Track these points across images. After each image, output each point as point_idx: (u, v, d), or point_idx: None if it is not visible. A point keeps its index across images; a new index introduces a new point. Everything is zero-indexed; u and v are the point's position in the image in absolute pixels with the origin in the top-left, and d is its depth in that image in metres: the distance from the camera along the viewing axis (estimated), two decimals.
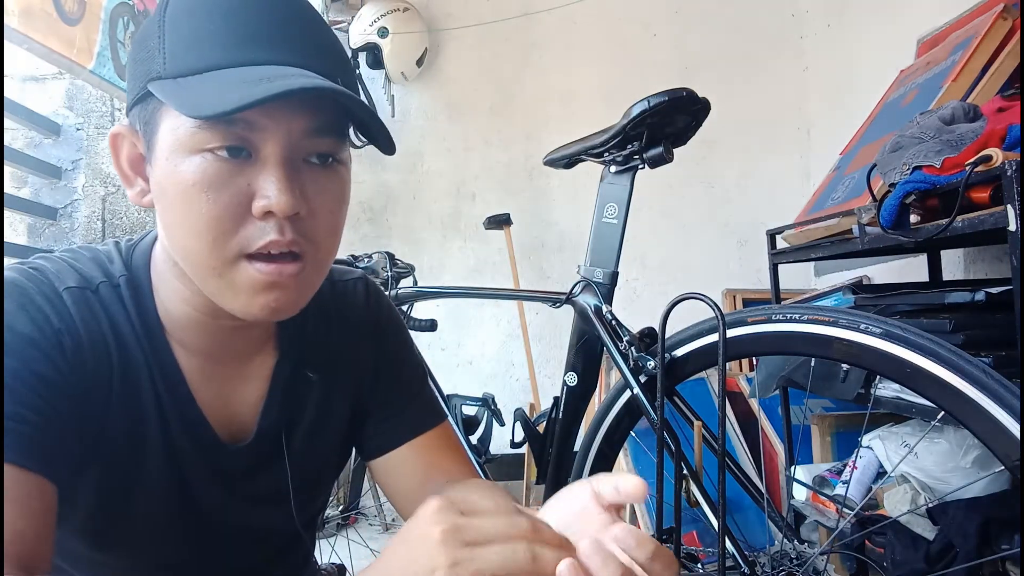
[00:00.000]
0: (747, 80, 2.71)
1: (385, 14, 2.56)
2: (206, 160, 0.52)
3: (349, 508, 2.23)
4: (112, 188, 2.25)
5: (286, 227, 0.53)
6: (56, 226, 2.21)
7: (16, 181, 2.21)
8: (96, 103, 2.27)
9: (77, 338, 0.55)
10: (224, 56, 0.52)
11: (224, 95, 0.49)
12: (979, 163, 1.06)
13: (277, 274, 0.54)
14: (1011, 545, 1.16)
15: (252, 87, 0.49)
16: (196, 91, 0.50)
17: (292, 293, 0.56)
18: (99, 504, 0.59)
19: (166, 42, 0.53)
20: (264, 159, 0.53)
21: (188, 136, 0.52)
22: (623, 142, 1.09)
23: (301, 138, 0.54)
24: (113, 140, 0.58)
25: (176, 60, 0.52)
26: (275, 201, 0.52)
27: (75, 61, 1.56)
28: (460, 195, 2.78)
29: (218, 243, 0.53)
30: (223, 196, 0.52)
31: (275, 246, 0.53)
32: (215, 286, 0.55)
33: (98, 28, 1.63)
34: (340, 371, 0.72)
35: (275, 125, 0.53)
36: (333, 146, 0.57)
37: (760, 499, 1.05)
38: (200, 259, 0.54)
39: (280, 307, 0.56)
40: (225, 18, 0.53)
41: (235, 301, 0.56)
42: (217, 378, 0.64)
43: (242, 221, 0.53)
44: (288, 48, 0.53)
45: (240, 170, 0.53)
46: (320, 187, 0.56)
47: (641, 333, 1.11)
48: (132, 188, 0.59)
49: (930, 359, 0.80)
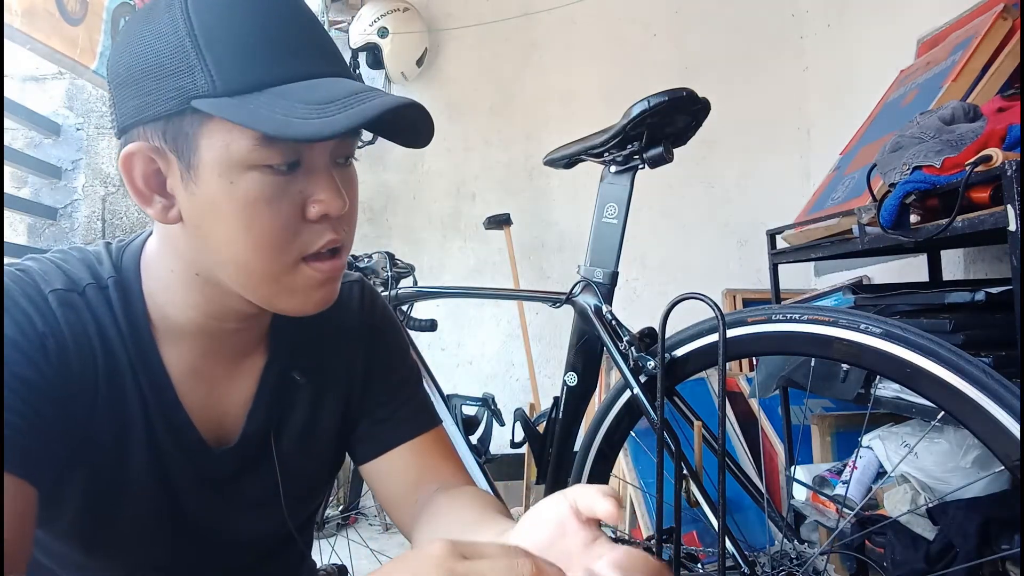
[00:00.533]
0: (747, 80, 2.71)
1: (385, 14, 2.56)
2: (264, 175, 0.53)
3: (349, 508, 2.23)
4: (112, 188, 2.25)
5: (338, 225, 0.58)
6: (56, 226, 2.21)
7: (16, 181, 2.22)
8: (96, 103, 2.27)
9: (62, 341, 0.55)
10: (273, 71, 0.53)
11: (310, 117, 0.51)
12: (979, 163, 1.06)
13: (332, 270, 0.59)
14: (1011, 545, 1.16)
15: (337, 109, 0.51)
16: (268, 110, 0.51)
17: (338, 282, 0.61)
18: (84, 507, 0.59)
19: (207, 57, 0.51)
20: (312, 166, 0.56)
21: (246, 153, 0.52)
22: (623, 142, 1.09)
23: (337, 145, 0.58)
24: (126, 161, 0.55)
25: (227, 77, 0.51)
26: (333, 205, 0.56)
27: (78, 61, 1.56)
28: (460, 195, 2.78)
29: (280, 251, 0.56)
30: (284, 208, 0.55)
31: (333, 243, 0.58)
32: (268, 291, 0.58)
33: (100, 28, 1.63)
34: (331, 374, 0.72)
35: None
36: (353, 147, 0.61)
37: (760, 499, 1.05)
38: (260, 268, 0.56)
39: (332, 298, 0.61)
40: (262, 29, 0.54)
41: (291, 301, 0.59)
42: (206, 380, 0.64)
43: (300, 227, 0.56)
44: (320, 58, 0.56)
45: (293, 179, 0.55)
46: (349, 184, 0.60)
47: (641, 333, 1.11)
48: (151, 206, 0.57)
49: (930, 359, 0.80)
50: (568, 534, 0.46)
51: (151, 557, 0.64)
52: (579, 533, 0.45)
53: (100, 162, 2.25)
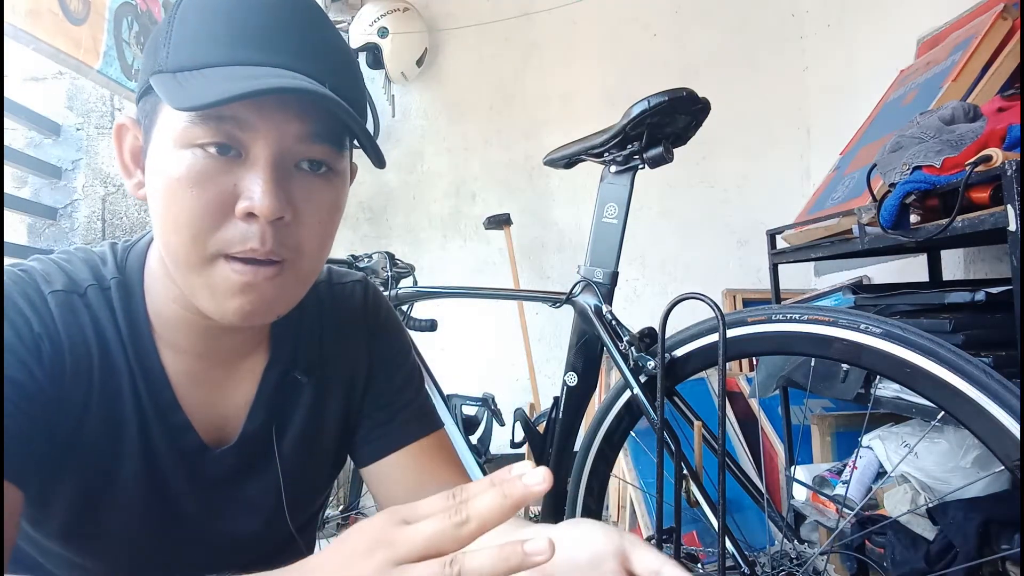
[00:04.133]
0: (747, 80, 2.71)
1: (385, 14, 2.56)
2: (195, 156, 0.52)
3: (349, 508, 2.22)
4: (112, 188, 2.24)
5: (268, 233, 0.52)
6: (56, 226, 2.21)
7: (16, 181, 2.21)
8: (96, 103, 2.27)
9: (57, 343, 0.55)
10: (221, 54, 0.52)
11: (212, 87, 0.49)
12: (979, 163, 1.06)
13: (252, 275, 0.53)
14: (1011, 545, 1.16)
15: (238, 83, 0.49)
16: (186, 86, 0.50)
17: (267, 298, 0.55)
18: (77, 509, 0.59)
19: (172, 37, 0.53)
20: (253, 160, 0.53)
21: (181, 131, 0.52)
22: (623, 142, 1.09)
23: (294, 143, 0.54)
24: (118, 131, 0.59)
25: (178, 55, 0.52)
26: (258, 203, 0.51)
27: (82, 61, 1.56)
28: (460, 195, 2.78)
29: (198, 240, 0.52)
30: (207, 193, 0.52)
31: (253, 253, 0.53)
32: (193, 284, 0.55)
33: (103, 28, 1.63)
34: (333, 374, 0.71)
35: (266, 126, 0.52)
36: (327, 154, 0.56)
37: (760, 499, 1.05)
38: (180, 254, 0.54)
39: (253, 311, 0.55)
40: (228, 17, 0.53)
41: (211, 302, 0.55)
42: (206, 380, 0.64)
43: (224, 220, 0.52)
44: (285, 51, 0.53)
45: (228, 169, 0.52)
46: (309, 194, 0.55)
47: (641, 333, 1.11)
48: (131, 179, 0.59)
49: (930, 359, 0.80)
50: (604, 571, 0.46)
51: (146, 559, 0.64)
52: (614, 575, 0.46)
53: (100, 162, 2.25)
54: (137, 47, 1.75)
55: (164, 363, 0.62)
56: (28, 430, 0.52)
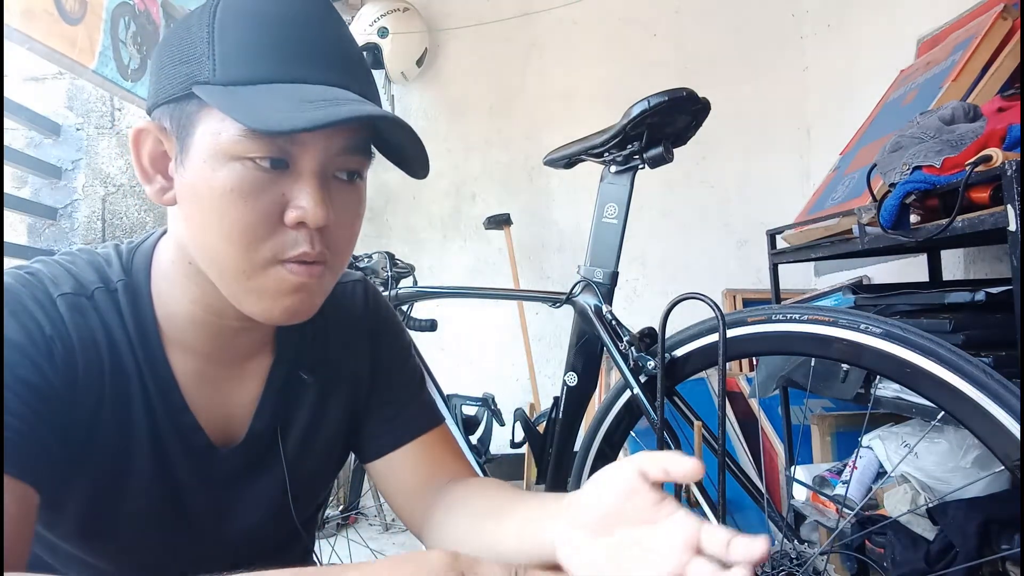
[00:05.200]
0: (747, 80, 2.71)
1: (385, 14, 2.57)
2: (246, 168, 0.53)
3: (349, 508, 2.23)
4: (112, 188, 2.24)
5: (315, 238, 0.56)
6: (56, 226, 2.21)
7: (16, 181, 2.21)
8: (96, 103, 2.27)
9: (69, 345, 0.56)
10: (276, 71, 0.54)
11: (287, 113, 0.50)
12: (979, 163, 1.06)
13: (307, 275, 0.56)
14: (1011, 545, 1.16)
15: (310, 110, 0.51)
16: (252, 102, 0.51)
17: (314, 296, 0.58)
18: (88, 510, 0.59)
19: (216, 49, 0.53)
20: (300, 171, 0.55)
21: (231, 143, 0.53)
22: (623, 142, 1.09)
23: (336, 155, 0.56)
24: (137, 136, 0.58)
25: (228, 68, 0.53)
26: (310, 213, 0.54)
27: (77, 61, 1.56)
28: (460, 195, 2.78)
29: (251, 248, 0.54)
30: (260, 204, 0.54)
31: (306, 257, 0.56)
32: (240, 288, 0.57)
33: (100, 28, 1.63)
34: (336, 373, 0.73)
35: (315, 141, 0.54)
36: (361, 164, 0.59)
37: (760, 499, 1.05)
38: (230, 262, 0.55)
39: (301, 309, 0.58)
40: (277, 33, 0.54)
41: (258, 304, 0.57)
42: (213, 380, 0.65)
43: (275, 229, 0.55)
44: (332, 69, 0.56)
45: (277, 179, 0.54)
46: (344, 201, 0.58)
47: (641, 333, 1.11)
48: (151, 185, 0.59)
49: (930, 359, 0.80)
50: (635, 497, 0.47)
51: (156, 557, 0.64)
52: (647, 495, 0.46)
53: (100, 162, 2.25)
54: (134, 47, 1.75)
55: (172, 364, 0.62)
56: (43, 432, 0.52)
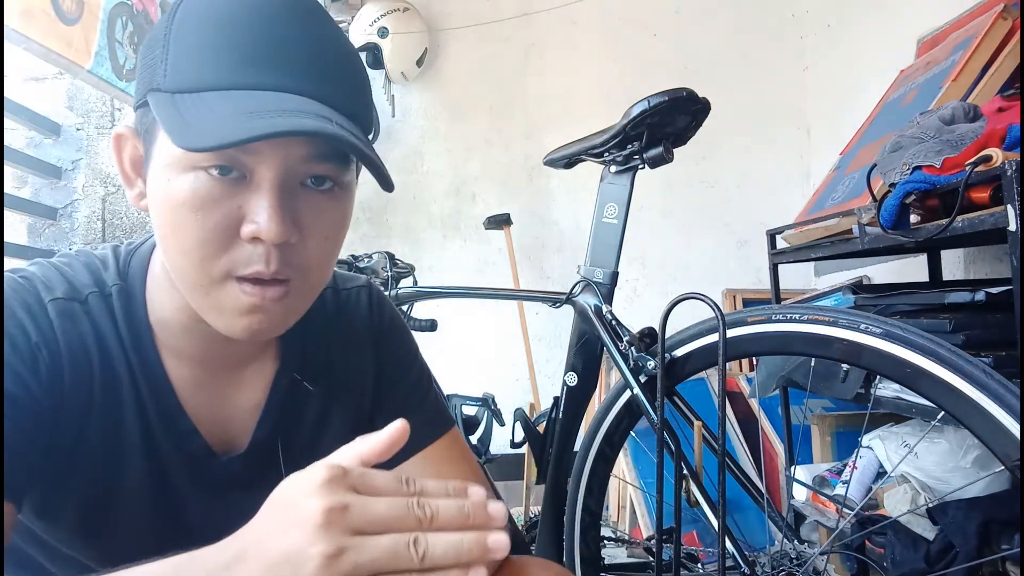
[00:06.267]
0: (747, 80, 2.71)
1: (385, 14, 2.56)
2: (198, 179, 0.50)
3: None
4: (112, 188, 2.24)
5: (273, 255, 0.52)
6: (56, 226, 2.21)
7: (16, 181, 2.21)
8: (96, 103, 2.27)
9: (55, 352, 0.55)
10: (224, 76, 0.50)
11: (217, 126, 0.47)
12: (979, 163, 1.06)
13: (260, 297, 0.53)
14: (1011, 545, 1.16)
15: (248, 121, 0.47)
16: (189, 114, 0.48)
17: (275, 317, 0.55)
18: (81, 518, 0.59)
19: (170, 52, 0.51)
20: (258, 183, 0.51)
21: (181, 153, 0.50)
22: (623, 142, 1.09)
23: (298, 163, 0.52)
24: (116, 141, 0.58)
25: (177, 74, 0.51)
26: (264, 228, 0.50)
27: (73, 61, 1.55)
28: (460, 195, 2.78)
29: (205, 263, 0.52)
30: (212, 217, 0.51)
31: (260, 275, 0.52)
32: (201, 303, 0.55)
33: (96, 28, 1.63)
34: (340, 381, 0.71)
35: (271, 150, 0.51)
36: (333, 171, 0.55)
37: (760, 499, 1.05)
38: (188, 275, 0.54)
39: (261, 329, 0.55)
40: (231, 33, 0.51)
41: (219, 319, 0.55)
42: (210, 385, 0.63)
43: (230, 243, 0.52)
44: (291, 70, 0.51)
45: (232, 191, 0.51)
46: (316, 212, 0.54)
47: (641, 333, 1.11)
48: (132, 189, 0.58)
49: (930, 359, 0.80)
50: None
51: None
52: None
53: (100, 162, 2.25)
54: (130, 47, 1.75)
55: (167, 370, 0.61)
56: (23, 444, 0.51)
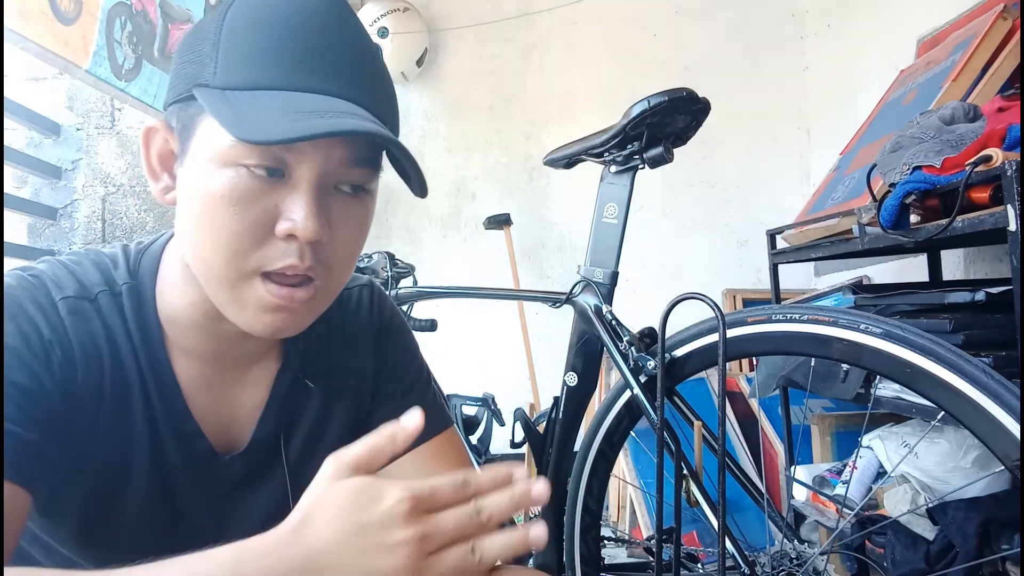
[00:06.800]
0: (747, 80, 2.71)
1: (385, 14, 2.56)
2: (239, 175, 0.52)
3: None
4: (112, 188, 2.24)
5: (306, 252, 0.54)
6: (56, 226, 2.21)
7: (16, 181, 2.21)
8: (96, 103, 2.27)
9: (68, 350, 0.55)
10: (275, 77, 0.52)
11: (273, 123, 0.49)
12: (979, 163, 1.06)
13: (288, 299, 0.55)
14: (1011, 545, 1.16)
15: (301, 120, 0.49)
16: (243, 110, 0.50)
17: (299, 317, 0.57)
18: (85, 515, 0.59)
19: (220, 50, 0.53)
20: (296, 182, 0.53)
21: (226, 148, 0.52)
22: (623, 142, 1.09)
23: (336, 166, 0.54)
24: (146, 134, 0.58)
25: (228, 72, 0.52)
26: (301, 226, 0.52)
27: (70, 61, 1.55)
28: (460, 195, 2.78)
29: (237, 257, 0.53)
30: (250, 213, 0.52)
31: (292, 270, 0.54)
32: (224, 297, 0.56)
33: (95, 28, 1.63)
34: (341, 380, 0.72)
35: (313, 151, 0.53)
36: (365, 177, 0.57)
37: (760, 499, 1.05)
38: (216, 270, 0.54)
39: (284, 328, 0.57)
40: (283, 39, 0.53)
41: (240, 315, 0.56)
42: (216, 384, 0.64)
43: (264, 240, 0.53)
44: (338, 78, 0.54)
45: (271, 189, 0.53)
46: (345, 215, 0.57)
47: (641, 333, 1.11)
48: (157, 183, 0.59)
49: (930, 359, 0.80)
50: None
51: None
52: None
53: (100, 162, 2.25)
54: (129, 47, 1.75)
55: (175, 368, 0.62)
56: (38, 436, 0.52)
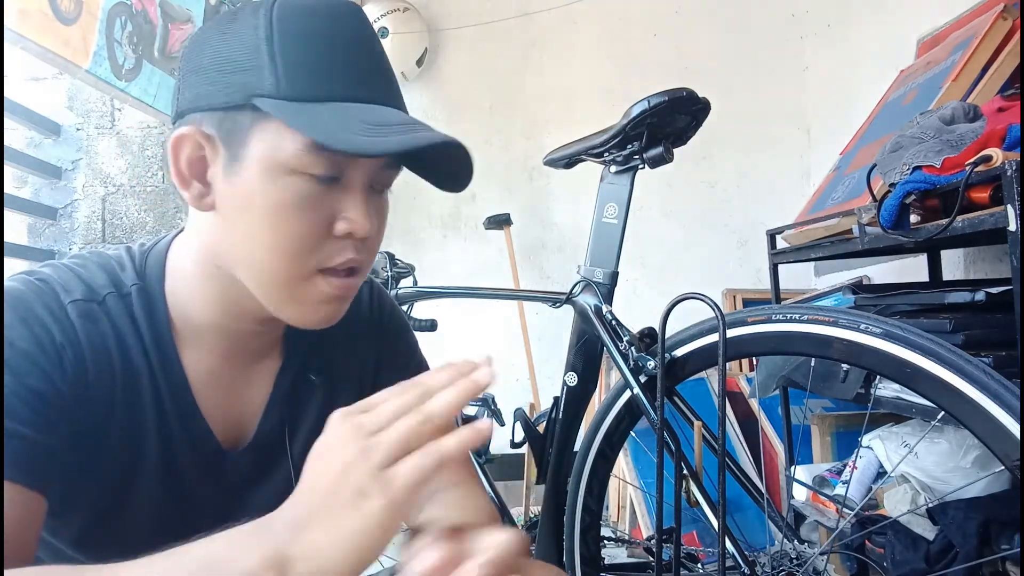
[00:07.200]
0: (747, 80, 2.71)
1: (385, 14, 2.56)
2: (303, 182, 0.55)
3: None
4: (112, 188, 2.24)
5: (360, 247, 0.59)
6: (56, 226, 2.21)
7: (16, 181, 2.21)
8: (96, 103, 2.27)
9: (79, 352, 0.56)
10: (336, 90, 0.55)
11: (356, 134, 0.53)
12: (979, 163, 1.06)
13: (346, 288, 0.60)
14: (1011, 545, 1.16)
15: (378, 133, 0.53)
16: (320, 120, 0.53)
17: (345, 304, 0.62)
18: (96, 515, 0.59)
19: (279, 62, 0.54)
20: (350, 186, 0.58)
21: (292, 157, 0.54)
22: (623, 142, 1.09)
23: (379, 170, 0.60)
24: (177, 141, 0.58)
25: (293, 83, 0.54)
26: (359, 225, 0.57)
27: (71, 60, 1.55)
28: (460, 195, 2.76)
29: (299, 258, 0.57)
30: (313, 216, 0.56)
31: (352, 263, 0.59)
32: (281, 296, 0.59)
33: (95, 28, 1.63)
34: (343, 373, 0.73)
35: (368, 159, 0.57)
36: (394, 177, 0.63)
37: (760, 499, 1.05)
38: (276, 272, 0.57)
39: (336, 316, 0.61)
40: (334, 52, 0.56)
41: (297, 310, 0.59)
42: (224, 382, 0.65)
43: (324, 239, 0.57)
44: (382, 88, 0.59)
45: (328, 192, 0.57)
46: (379, 211, 0.62)
47: (641, 333, 1.11)
48: (188, 190, 0.59)
49: (930, 359, 0.80)
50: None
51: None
52: None
53: (100, 162, 2.25)
54: (129, 47, 1.74)
55: (185, 365, 0.62)
56: (52, 440, 0.53)
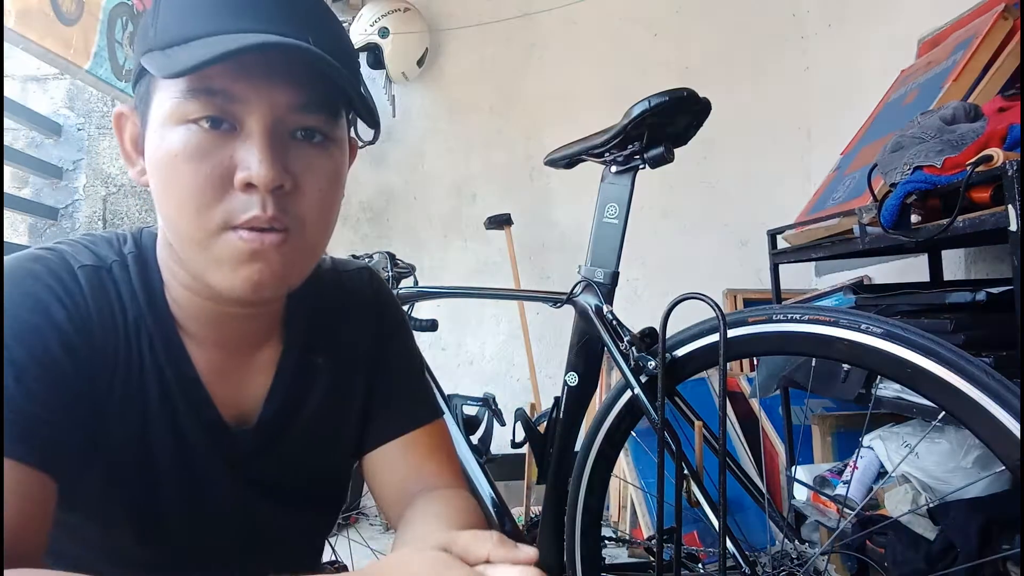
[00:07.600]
0: (748, 80, 2.71)
1: (386, 14, 2.56)
2: (190, 131, 0.53)
3: (349, 508, 2.23)
4: (113, 188, 2.25)
5: (268, 201, 0.53)
6: (57, 226, 2.21)
7: (17, 181, 2.22)
8: (97, 103, 2.27)
9: (86, 315, 0.56)
10: (207, 25, 0.52)
11: (193, 57, 0.49)
12: (980, 163, 1.06)
13: (259, 243, 0.53)
14: (1012, 545, 1.16)
15: (220, 48, 0.49)
16: (173, 58, 0.51)
17: (275, 266, 0.55)
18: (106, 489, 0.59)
19: (160, 15, 0.54)
20: (248, 132, 0.53)
21: (174, 107, 0.53)
22: (624, 142, 1.09)
23: (287, 112, 0.54)
24: (117, 120, 0.59)
25: (165, 32, 0.53)
26: (255, 172, 0.52)
27: (71, 61, 1.55)
28: (461, 195, 2.78)
29: (200, 214, 0.53)
30: (205, 167, 0.53)
31: (256, 221, 0.53)
32: (200, 260, 0.55)
33: (96, 28, 1.63)
34: (346, 357, 0.72)
35: (258, 98, 0.53)
36: (321, 122, 0.56)
37: (761, 499, 1.05)
38: (184, 230, 0.54)
39: (262, 280, 0.55)
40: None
41: (218, 274, 0.55)
42: (225, 370, 0.64)
43: (224, 193, 0.53)
44: (269, 17, 0.53)
45: (224, 142, 0.53)
46: (307, 163, 0.56)
47: (642, 333, 1.11)
48: (134, 167, 0.60)
49: (931, 359, 0.80)
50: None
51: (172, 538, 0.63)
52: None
53: (101, 162, 2.25)
54: (130, 47, 1.75)
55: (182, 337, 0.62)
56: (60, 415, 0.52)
